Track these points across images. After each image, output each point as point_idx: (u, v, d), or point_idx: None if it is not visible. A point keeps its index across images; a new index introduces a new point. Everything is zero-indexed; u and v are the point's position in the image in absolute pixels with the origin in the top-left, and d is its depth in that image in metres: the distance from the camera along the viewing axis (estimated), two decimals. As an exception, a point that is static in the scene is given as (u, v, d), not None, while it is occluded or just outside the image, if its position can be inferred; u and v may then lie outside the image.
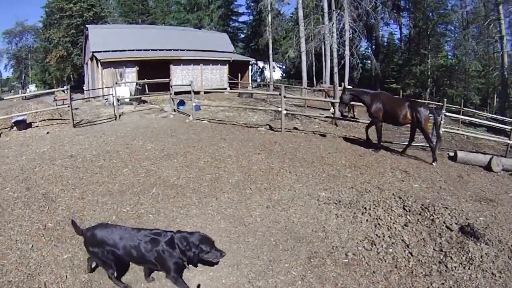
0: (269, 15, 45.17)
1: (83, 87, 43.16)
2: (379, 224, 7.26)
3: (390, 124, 13.35)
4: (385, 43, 60.65)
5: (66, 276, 6.26)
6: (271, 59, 47.53)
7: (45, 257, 6.78)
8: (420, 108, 11.95)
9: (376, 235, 6.92)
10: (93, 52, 34.36)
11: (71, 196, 9.07)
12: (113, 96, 19.72)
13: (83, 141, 13.83)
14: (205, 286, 5.92)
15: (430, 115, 12.15)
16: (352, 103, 14.25)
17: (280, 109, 15.62)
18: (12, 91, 73.40)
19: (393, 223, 7.24)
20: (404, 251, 6.49)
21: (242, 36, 71.55)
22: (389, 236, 6.82)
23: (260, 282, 5.92)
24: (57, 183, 9.85)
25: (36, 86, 66.29)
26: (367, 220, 7.46)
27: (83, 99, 29.46)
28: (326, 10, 24.40)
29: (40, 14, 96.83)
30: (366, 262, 6.25)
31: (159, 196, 9.00)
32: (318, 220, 7.64)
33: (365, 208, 7.87)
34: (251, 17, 67.82)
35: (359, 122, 16.65)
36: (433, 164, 11.95)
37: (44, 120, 18.12)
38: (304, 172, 10.15)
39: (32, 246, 7.12)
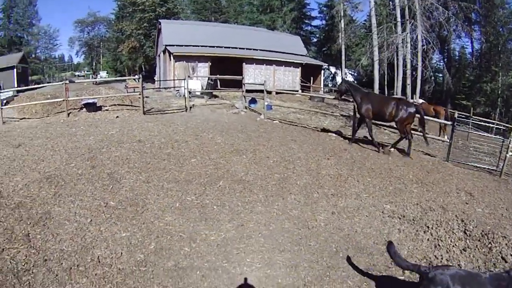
0: (342, 21, 44.53)
1: (154, 78, 44.30)
2: (439, 245, 7.06)
3: (378, 121, 14.36)
4: (457, 57, 57.53)
5: (122, 253, 6.34)
6: (343, 65, 46.75)
7: (103, 232, 6.89)
8: (404, 106, 12.90)
9: (435, 256, 6.74)
10: (166, 45, 35.27)
11: (136, 179, 9.18)
12: (185, 88, 19.98)
13: (152, 128, 14.04)
14: (260, 283, 5.90)
15: (417, 114, 13.12)
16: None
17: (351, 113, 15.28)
18: (83, 76, 76.50)
19: (453, 246, 7.02)
20: (459, 277, 6.07)
21: (315, 40, 70.75)
22: (446, 259, 6.61)
23: (315, 287, 5.85)
24: (123, 165, 10.01)
25: (107, 73, 69.63)
26: (428, 240, 7.28)
27: (153, 88, 30.17)
28: (399, 19, 23.57)
29: (112, 7, 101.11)
30: (421, 284, 5.99)
31: (226, 189, 8.93)
32: (380, 233, 7.54)
33: (428, 227, 7.68)
34: (324, 22, 67.18)
35: (428, 137, 15.83)
36: (408, 157, 12.85)
37: (114, 105, 18.75)
38: (372, 182, 9.96)
39: (91, 220, 7.26)
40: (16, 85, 42.15)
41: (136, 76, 22.59)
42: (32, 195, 8.25)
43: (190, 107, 19.21)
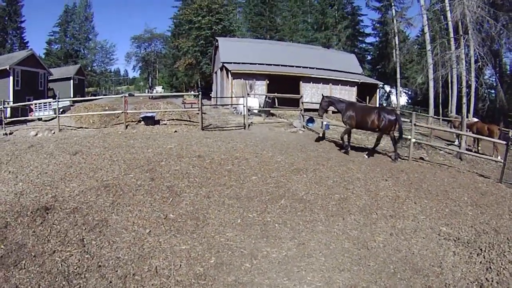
0: (396, 38, 43.67)
1: (210, 94, 45.11)
2: (490, 267, 7.04)
3: (362, 129, 15.31)
4: (508, 72, 54.45)
5: (181, 265, 6.39)
6: (398, 84, 45.30)
7: (161, 243, 6.99)
8: (385, 114, 13.75)
9: (486, 278, 6.75)
10: (223, 62, 35.53)
11: (196, 193, 9.26)
12: (243, 106, 20.20)
13: (212, 144, 14.14)
14: (320, 301, 5.91)
15: (395, 120, 13.82)
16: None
17: (409, 137, 15.06)
18: (139, 90, 79.27)
19: (503, 268, 6.98)
20: (506, 300, 6.23)
21: (369, 57, 70.10)
22: (497, 282, 6.61)
23: (372, 307, 5.90)
24: (183, 178, 10.11)
25: (162, 88, 71.70)
26: (480, 262, 7.27)
27: (210, 105, 30.90)
28: (452, 35, 22.78)
29: (168, 24, 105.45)
30: (471, 307, 6.13)
31: (287, 208, 8.89)
32: (436, 255, 7.58)
33: (481, 249, 7.66)
34: (377, 39, 66.25)
35: (482, 158, 15.62)
36: (395, 161, 13.82)
37: (173, 119, 19.03)
38: (428, 204, 9.85)
39: (150, 231, 7.37)
40: (72, 96, 44.92)
41: (193, 92, 22.87)
42: (88, 201, 8.52)
43: (248, 125, 19.26)
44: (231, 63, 34.75)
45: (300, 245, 7.33)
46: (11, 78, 34.25)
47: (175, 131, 16.73)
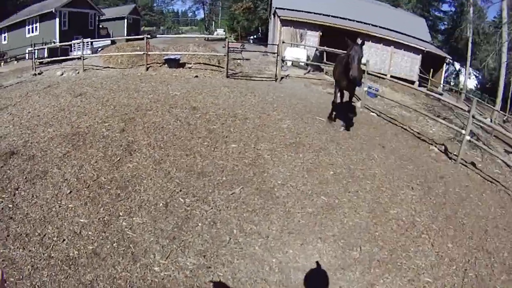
0: (471, 10, 39.21)
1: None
2: None
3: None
4: None
5: (64, 240, 5.47)
6: (468, 62, 39.83)
7: (68, 209, 6.14)
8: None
9: None
10: (275, 8, 33.73)
11: (149, 156, 8.02)
12: (277, 55, 17.61)
13: (223, 95, 12.66)
14: None
15: None
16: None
17: (463, 131, 10.69)
18: (199, 32, 79.53)
19: None
20: None
21: (442, 28, 62.10)
22: None
23: None
24: (151, 134, 8.97)
25: (224, 31, 70.08)
26: None
27: (260, 51, 29.07)
28: None
29: None
30: None
31: (238, 200, 6.76)
32: None
33: None
34: (453, 8, 58.64)
35: None
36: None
37: (199, 63, 17.98)
38: (451, 253, 6.17)
39: (70, 192, 6.58)
40: (125, 34, 45.82)
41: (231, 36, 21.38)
42: (47, 150, 8.06)
43: (282, 78, 17.48)
44: (283, 9, 32.71)
45: (202, 268, 5.23)
46: (57, 20, 35.41)
47: (196, 76, 15.74)
